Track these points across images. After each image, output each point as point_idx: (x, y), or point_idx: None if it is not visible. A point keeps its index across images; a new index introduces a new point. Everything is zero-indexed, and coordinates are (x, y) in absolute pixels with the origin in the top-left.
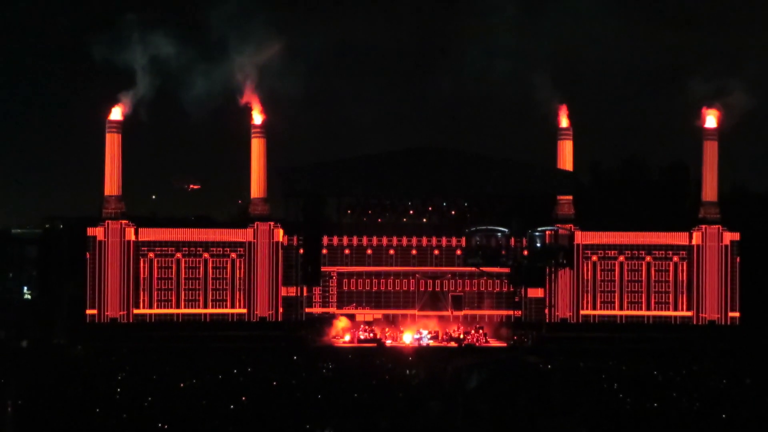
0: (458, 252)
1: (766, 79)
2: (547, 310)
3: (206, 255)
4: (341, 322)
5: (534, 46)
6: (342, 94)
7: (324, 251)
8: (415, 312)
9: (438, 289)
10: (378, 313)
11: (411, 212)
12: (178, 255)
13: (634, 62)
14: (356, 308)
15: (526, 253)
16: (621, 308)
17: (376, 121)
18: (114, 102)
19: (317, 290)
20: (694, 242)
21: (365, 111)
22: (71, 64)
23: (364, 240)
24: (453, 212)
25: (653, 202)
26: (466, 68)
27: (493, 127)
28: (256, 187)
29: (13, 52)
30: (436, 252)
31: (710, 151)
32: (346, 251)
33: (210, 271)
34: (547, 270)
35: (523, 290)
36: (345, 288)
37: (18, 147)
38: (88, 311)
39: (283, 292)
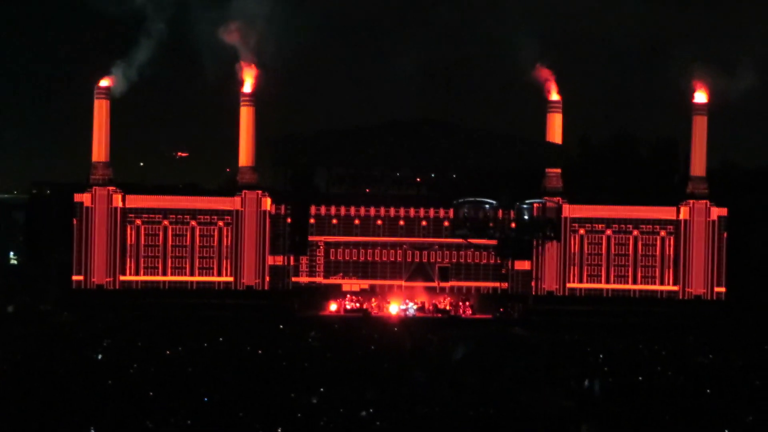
0: (446, 223)
1: (757, 55)
2: (533, 283)
3: (193, 223)
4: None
5: (525, 18)
6: (331, 65)
7: (311, 221)
8: (402, 283)
9: (425, 260)
10: (365, 284)
11: (399, 183)
12: (166, 222)
13: (625, 36)
14: (343, 278)
15: (513, 225)
16: (607, 282)
17: (365, 92)
18: (104, 67)
19: (304, 259)
20: (681, 217)
21: (355, 82)
22: (62, 28)
23: (352, 210)
24: (441, 184)
25: (642, 176)
26: (454, 38)
27: (482, 99)
28: (245, 156)
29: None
30: (424, 223)
31: (699, 126)
32: (334, 221)
33: (197, 239)
34: (535, 242)
35: (510, 262)
36: (332, 258)
37: (5, 111)
38: (75, 277)
39: (270, 261)
